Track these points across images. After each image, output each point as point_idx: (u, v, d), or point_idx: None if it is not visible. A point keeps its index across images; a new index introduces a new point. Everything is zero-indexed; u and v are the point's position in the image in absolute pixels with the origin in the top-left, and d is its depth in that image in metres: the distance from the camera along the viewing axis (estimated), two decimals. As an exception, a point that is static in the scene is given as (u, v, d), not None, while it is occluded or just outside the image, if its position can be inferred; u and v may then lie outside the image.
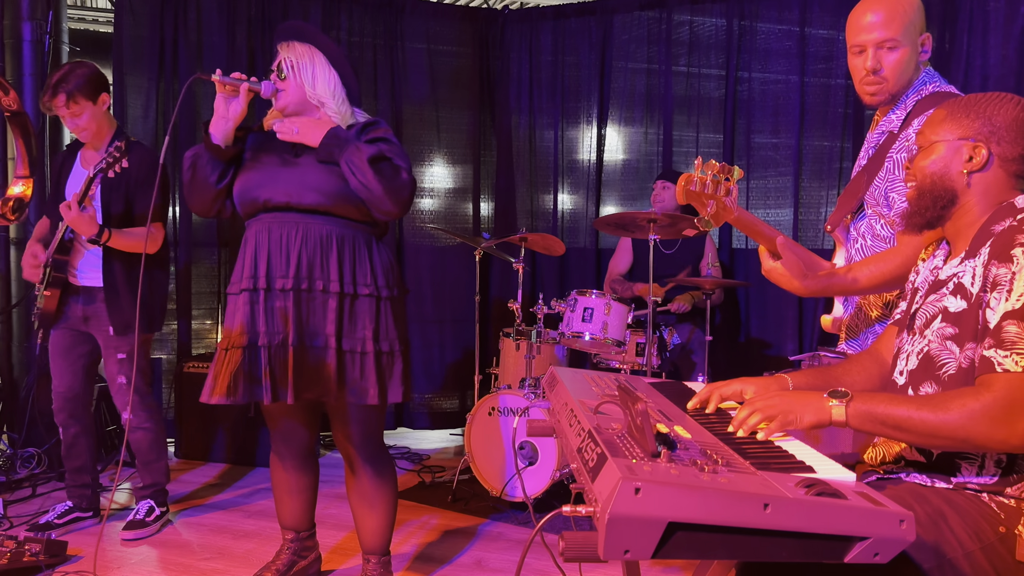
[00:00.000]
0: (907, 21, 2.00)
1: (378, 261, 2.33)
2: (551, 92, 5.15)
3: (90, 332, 3.18)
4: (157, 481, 3.29)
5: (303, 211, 2.27)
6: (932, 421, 1.36)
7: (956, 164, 1.54)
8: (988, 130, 1.51)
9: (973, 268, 1.46)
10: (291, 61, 2.30)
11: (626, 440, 1.25)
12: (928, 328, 1.53)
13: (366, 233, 2.33)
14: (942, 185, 1.55)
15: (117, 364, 3.14)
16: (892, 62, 2.01)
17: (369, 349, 2.28)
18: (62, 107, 2.99)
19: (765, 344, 4.60)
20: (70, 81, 2.99)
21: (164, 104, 4.61)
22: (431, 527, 3.32)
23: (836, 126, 4.48)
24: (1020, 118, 1.50)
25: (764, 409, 1.44)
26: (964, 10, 4.07)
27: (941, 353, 1.48)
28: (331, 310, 2.25)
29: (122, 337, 3.12)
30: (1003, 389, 1.34)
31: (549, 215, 5.18)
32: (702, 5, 4.77)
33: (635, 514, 1.01)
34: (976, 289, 1.44)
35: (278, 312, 2.26)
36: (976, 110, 1.53)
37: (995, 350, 1.36)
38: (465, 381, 5.11)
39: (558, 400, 1.69)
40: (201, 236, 4.72)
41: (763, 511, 1.04)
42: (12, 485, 3.67)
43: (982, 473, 1.45)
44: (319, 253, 2.26)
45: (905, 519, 1.04)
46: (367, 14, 4.99)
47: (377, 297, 2.31)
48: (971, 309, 1.44)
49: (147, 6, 4.53)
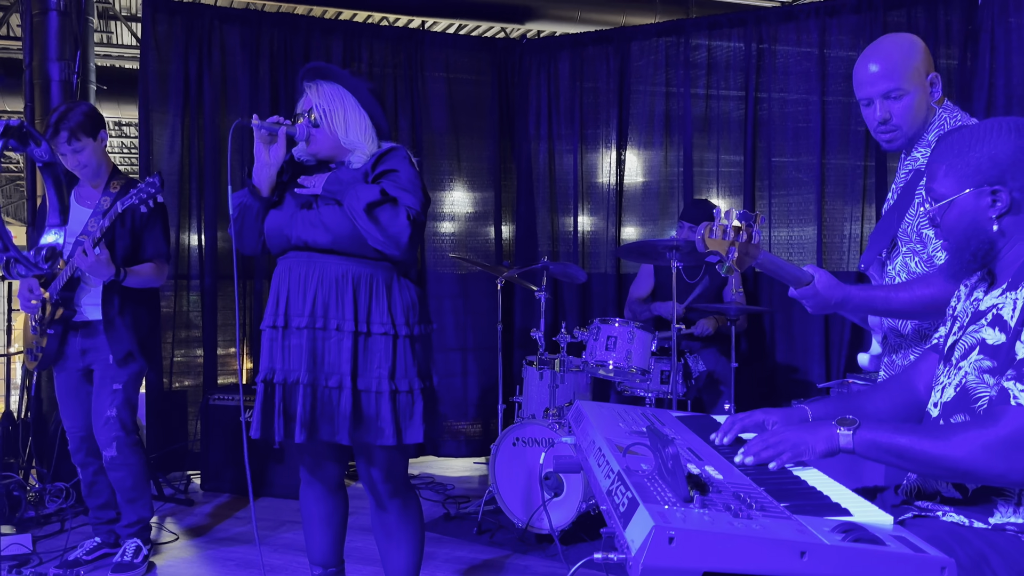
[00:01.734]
0: (910, 67, 1.99)
1: (398, 299, 2.31)
2: (570, 118, 5.17)
3: (88, 365, 3.17)
4: (142, 517, 3.21)
5: (320, 251, 2.28)
6: (934, 452, 1.34)
7: (981, 214, 1.50)
8: (996, 172, 1.47)
9: (1014, 300, 1.43)
10: (323, 108, 2.31)
11: (656, 483, 1.23)
12: (965, 360, 1.50)
13: (386, 271, 2.32)
14: (977, 239, 1.51)
15: (110, 395, 3.09)
16: (901, 110, 2.02)
17: (384, 388, 2.26)
18: (64, 144, 3.00)
19: (792, 369, 4.55)
20: (71, 119, 3.00)
21: (189, 139, 4.68)
22: (457, 560, 3.29)
23: (859, 145, 4.46)
24: (1006, 144, 1.46)
25: (777, 444, 1.46)
26: (986, 29, 4.05)
27: (978, 387, 1.45)
28: (346, 349, 2.25)
29: (121, 368, 3.11)
30: (1010, 423, 1.31)
31: (570, 240, 5.18)
32: (719, 30, 4.78)
33: (669, 564, 1.00)
34: (1015, 322, 1.41)
35: (294, 350, 2.28)
36: (974, 154, 1.48)
37: (1015, 382, 1.34)
38: (489, 409, 5.10)
39: (585, 437, 1.68)
40: (226, 267, 4.76)
41: (800, 559, 1.02)
42: (41, 520, 3.69)
43: (1019, 510, 1.42)
44: (335, 292, 2.26)
45: (947, 566, 1.02)
46: (388, 46, 5.05)
47: (394, 335, 2.29)
48: (1010, 342, 1.41)
49: (172, 42, 4.61)
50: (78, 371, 3.18)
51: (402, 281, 2.36)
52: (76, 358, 3.15)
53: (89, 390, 3.19)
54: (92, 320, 3.12)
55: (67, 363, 3.17)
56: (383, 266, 2.31)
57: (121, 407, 3.10)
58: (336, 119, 2.31)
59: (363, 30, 5.07)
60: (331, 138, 2.32)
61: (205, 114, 4.67)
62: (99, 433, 3.10)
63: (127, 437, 3.11)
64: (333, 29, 4.97)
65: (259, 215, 2.36)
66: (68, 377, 3.19)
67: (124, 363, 3.11)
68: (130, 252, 3.10)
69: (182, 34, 4.62)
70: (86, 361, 3.16)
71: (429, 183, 5.15)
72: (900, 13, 4.36)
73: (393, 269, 2.33)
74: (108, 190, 3.13)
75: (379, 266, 2.30)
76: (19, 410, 4.25)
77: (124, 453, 3.10)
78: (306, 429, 2.23)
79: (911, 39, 2.07)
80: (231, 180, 2.32)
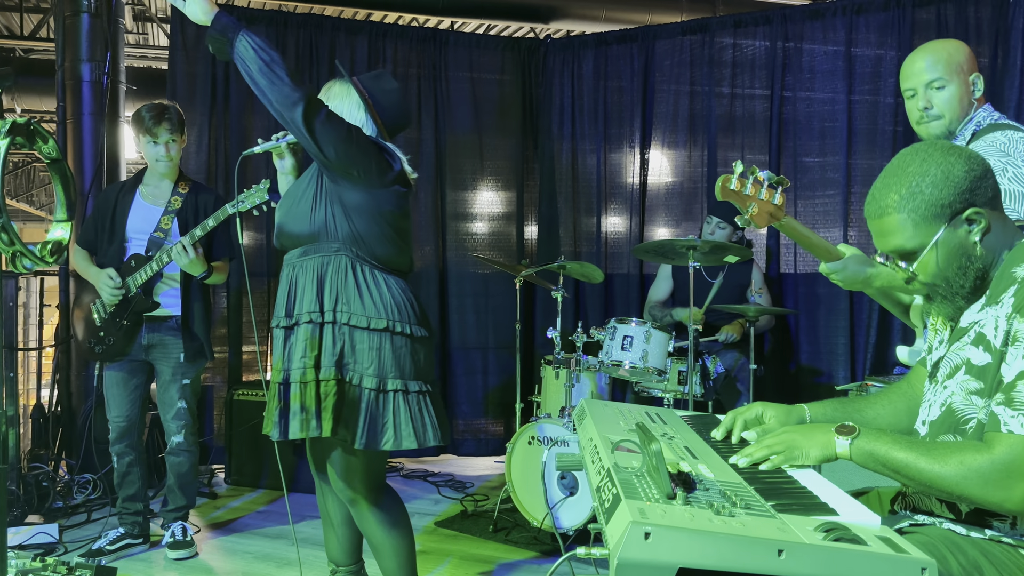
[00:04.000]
0: (954, 63, 2.16)
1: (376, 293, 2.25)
2: (593, 117, 5.16)
3: (149, 361, 3.30)
4: (189, 503, 3.41)
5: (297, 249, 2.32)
6: (929, 472, 1.33)
7: (967, 243, 1.43)
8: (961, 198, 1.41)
9: (995, 319, 1.40)
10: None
11: (644, 480, 1.23)
12: (952, 379, 1.47)
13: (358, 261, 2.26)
14: (972, 267, 1.45)
15: (180, 388, 3.28)
16: (942, 99, 2.17)
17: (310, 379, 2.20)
18: (166, 132, 3.21)
19: (816, 372, 4.50)
20: (174, 113, 3.27)
21: (216, 139, 4.75)
22: (471, 557, 3.31)
23: (886, 145, 4.39)
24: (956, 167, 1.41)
25: (772, 446, 1.46)
26: (1017, 27, 3.96)
27: (965, 408, 1.43)
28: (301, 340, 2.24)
29: (191, 364, 3.29)
30: (1005, 451, 1.29)
31: (593, 240, 5.17)
32: (745, 28, 4.74)
33: (644, 559, 1.00)
34: (999, 343, 1.38)
35: (284, 347, 2.30)
36: (927, 192, 1.41)
37: (1005, 408, 1.32)
38: (509, 408, 5.10)
39: (585, 434, 1.68)
40: (252, 266, 4.83)
41: (777, 557, 1.01)
42: (68, 511, 3.78)
43: (1015, 530, 1.39)
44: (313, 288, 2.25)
45: (927, 567, 1.01)
46: (412, 46, 5.08)
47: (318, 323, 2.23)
48: (995, 364, 1.38)
49: (200, 43, 4.68)
50: (134, 363, 3.31)
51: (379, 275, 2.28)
52: (138, 351, 3.28)
53: (139, 383, 3.33)
54: (171, 315, 3.26)
55: (127, 355, 3.28)
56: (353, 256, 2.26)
57: (190, 399, 3.32)
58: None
59: (388, 30, 5.11)
60: None
61: (232, 114, 4.74)
62: (169, 423, 3.32)
63: (193, 425, 3.34)
64: (358, 30, 5.01)
65: None
66: (121, 368, 3.30)
67: (195, 359, 3.31)
68: (204, 251, 3.24)
69: (210, 35, 4.69)
70: (150, 356, 3.30)
71: (452, 183, 5.17)
72: (929, 10, 4.28)
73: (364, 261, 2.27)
74: (177, 190, 3.31)
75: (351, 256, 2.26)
76: (50, 403, 4.36)
77: (189, 440, 3.34)
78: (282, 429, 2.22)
79: (957, 42, 2.24)
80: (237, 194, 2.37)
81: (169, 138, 3.24)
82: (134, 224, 3.27)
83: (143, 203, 3.31)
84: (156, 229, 3.25)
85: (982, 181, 1.42)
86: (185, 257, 3.08)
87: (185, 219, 3.26)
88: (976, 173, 1.42)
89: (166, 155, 3.25)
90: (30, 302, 4.49)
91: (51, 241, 1.39)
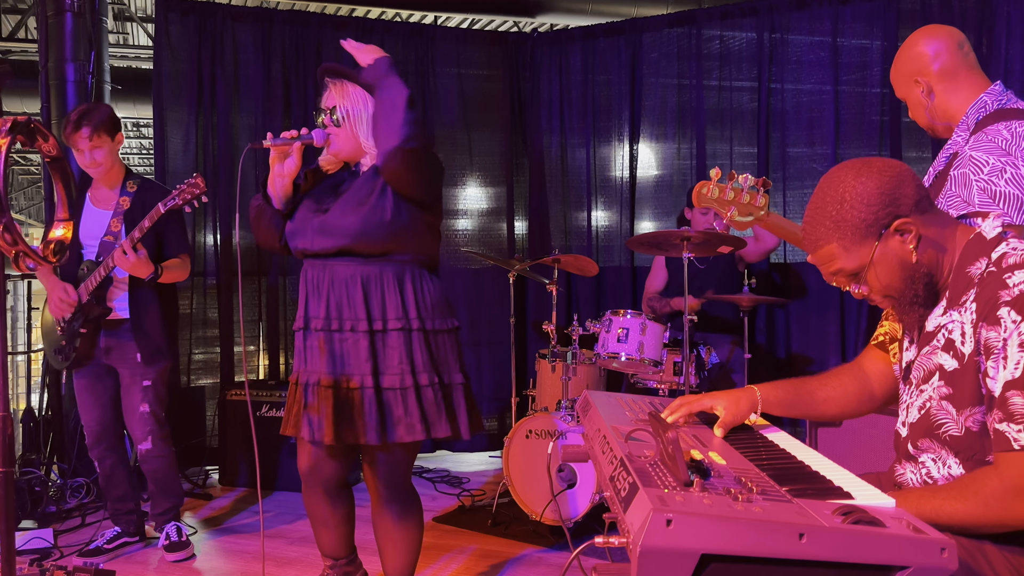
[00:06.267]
0: (901, 77, 2.19)
1: (410, 294, 2.31)
2: (582, 111, 5.16)
3: (111, 364, 3.24)
4: (176, 503, 3.36)
5: (326, 256, 2.30)
6: (957, 515, 1.33)
7: (903, 253, 1.45)
8: (883, 212, 1.42)
9: (961, 324, 1.42)
10: (347, 109, 2.30)
11: (659, 468, 1.24)
12: (927, 383, 1.49)
13: (396, 266, 2.31)
14: (916, 276, 1.46)
15: (141, 392, 3.20)
16: (913, 112, 2.22)
17: (408, 384, 2.27)
18: (84, 140, 3.06)
19: (807, 360, 4.53)
20: (93, 116, 3.08)
21: (203, 137, 4.72)
22: (471, 552, 3.31)
23: (873, 135, 4.42)
24: (867, 185, 1.42)
25: None
26: (1001, 15, 4.00)
27: (939, 413, 1.45)
28: (363, 348, 2.26)
29: (149, 366, 3.21)
30: (1018, 469, 1.31)
31: (583, 233, 5.18)
32: (732, 20, 4.75)
33: (667, 546, 1.00)
34: (968, 350, 1.40)
35: (315, 351, 2.30)
36: (849, 214, 1.43)
37: (1007, 424, 1.32)
38: (504, 403, 5.10)
39: (591, 425, 1.68)
40: (243, 264, 4.79)
41: (799, 541, 1.02)
42: (62, 515, 3.75)
43: None
44: (345, 294, 2.27)
45: (947, 547, 1.01)
46: (399, 42, 5.06)
47: (408, 330, 2.29)
48: (964, 370, 1.41)
49: (185, 42, 4.65)
50: (98, 368, 3.25)
51: (416, 277, 2.35)
52: (100, 355, 3.23)
53: (107, 386, 3.27)
54: (123, 318, 3.19)
55: (91, 360, 3.23)
56: (391, 262, 2.31)
57: (153, 402, 3.23)
58: (359, 122, 2.31)
59: (374, 26, 5.09)
60: (352, 140, 2.33)
61: (218, 112, 4.71)
62: (133, 428, 3.23)
63: (160, 430, 3.26)
64: (344, 25, 4.99)
65: (274, 219, 2.39)
66: (87, 373, 3.26)
67: (152, 360, 3.22)
68: (155, 251, 3.17)
69: (195, 33, 4.65)
70: (109, 359, 3.23)
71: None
72: (913, 0, 4.31)
73: (405, 265, 2.33)
74: (125, 190, 3.20)
75: (387, 262, 2.30)
76: (40, 407, 4.31)
77: (158, 446, 3.26)
78: (332, 430, 2.24)
79: (909, 44, 2.18)
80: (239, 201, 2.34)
81: (91, 145, 3.08)
82: (86, 230, 3.19)
83: (93, 208, 3.23)
84: (106, 233, 3.15)
85: (898, 190, 1.43)
86: (126, 260, 2.98)
87: (133, 219, 3.11)
88: (889, 186, 1.42)
89: (91, 162, 3.12)
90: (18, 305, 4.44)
91: (53, 240, 1.37)
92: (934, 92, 2.12)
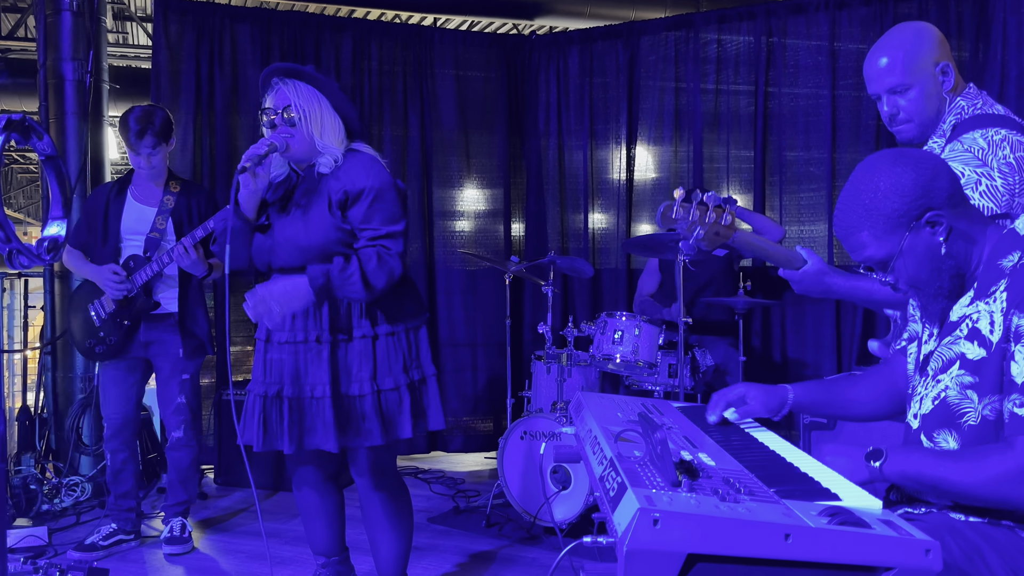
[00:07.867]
0: (913, 60, 1.99)
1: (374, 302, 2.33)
2: (579, 114, 5.17)
3: (147, 358, 3.31)
4: (190, 498, 3.43)
5: (292, 270, 2.31)
6: (960, 485, 1.35)
7: (933, 246, 1.45)
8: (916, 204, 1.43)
9: (990, 313, 1.42)
10: (302, 108, 2.27)
11: (648, 469, 1.24)
12: (945, 373, 1.49)
13: None
14: (945, 270, 1.47)
15: (179, 384, 3.30)
16: (908, 103, 2.02)
17: (367, 391, 2.29)
18: (147, 147, 3.17)
19: (802, 364, 4.54)
20: (156, 123, 3.20)
21: (202, 137, 4.72)
22: (465, 553, 3.31)
23: (869, 139, 4.43)
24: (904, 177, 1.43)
25: None
26: (998, 21, 4.01)
27: (961, 402, 1.44)
28: (324, 359, 2.28)
29: (190, 360, 3.30)
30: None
31: (580, 236, 5.19)
32: (729, 24, 4.77)
33: (654, 546, 1.01)
34: (996, 339, 1.40)
35: (275, 364, 2.35)
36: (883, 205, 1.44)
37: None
38: (499, 404, 5.10)
39: (583, 426, 1.69)
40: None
41: (784, 541, 1.03)
42: (57, 514, 3.74)
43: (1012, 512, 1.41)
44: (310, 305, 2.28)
45: (931, 548, 1.02)
46: (397, 44, 5.07)
47: (373, 336, 2.32)
48: (992, 359, 1.40)
49: (183, 41, 4.65)
50: (132, 361, 3.32)
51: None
52: (137, 349, 3.29)
53: (135, 380, 3.36)
54: (170, 312, 3.27)
55: (125, 353, 3.29)
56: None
57: (190, 394, 3.33)
58: (313, 121, 2.28)
59: (373, 28, 5.10)
60: (306, 140, 2.29)
61: (217, 112, 4.71)
62: (168, 418, 3.35)
63: (193, 421, 3.37)
64: (343, 27, 5.00)
65: (247, 237, 2.37)
66: (117, 366, 3.32)
67: (194, 354, 3.33)
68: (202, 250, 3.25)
69: (193, 33, 4.66)
70: (148, 353, 3.31)
71: (439, 180, 5.17)
72: (911, 5, 4.32)
73: None
74: (168, 189, 3.30)
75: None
76: (35, 405, 4.31)
77: (189, 435, 3.36)
78: (294, 441, 2.29)
79: (916, 28, 2.06)
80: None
81: (151, 152, 3.20)
82: (128, 225, 3.28)
83: (135, 204, 3.31)
84: (152, 230, 3.25)
85: (933, 183, 1.43)
86: (187, 258, 3.09)
87: (179, 218, 3.28)
88: (925, 177, 1.43)
89: (147, 164, 3.24)
90: (13, 303, 4.44)
91: (47, 238, 1.38)
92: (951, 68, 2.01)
